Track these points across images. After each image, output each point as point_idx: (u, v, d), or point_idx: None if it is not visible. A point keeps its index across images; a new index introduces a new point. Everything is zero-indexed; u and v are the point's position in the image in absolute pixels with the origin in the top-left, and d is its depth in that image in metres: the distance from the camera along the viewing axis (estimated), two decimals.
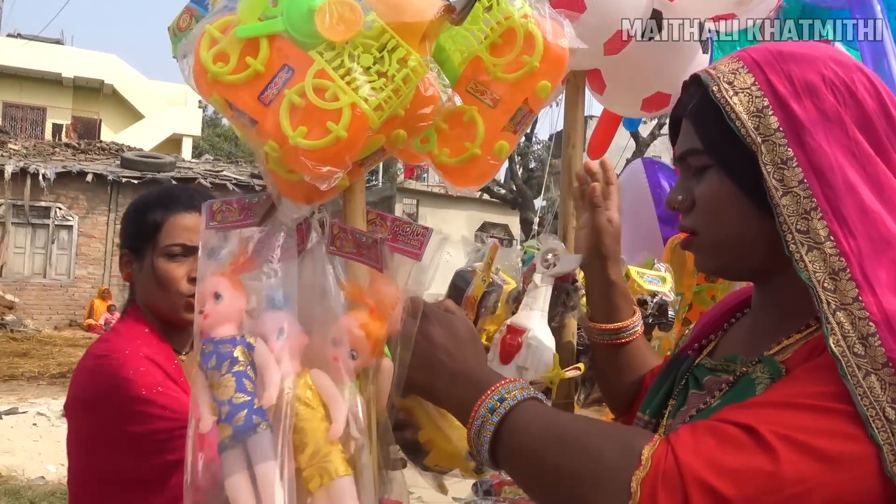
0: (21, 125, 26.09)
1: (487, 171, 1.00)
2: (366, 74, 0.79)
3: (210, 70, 0.82)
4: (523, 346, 1.33)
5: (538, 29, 0.95)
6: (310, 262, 1.02)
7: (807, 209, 0.88)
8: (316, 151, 0.79)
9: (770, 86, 0.92)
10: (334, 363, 0.96)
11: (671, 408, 1.07)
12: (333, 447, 0.92)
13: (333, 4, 0.78)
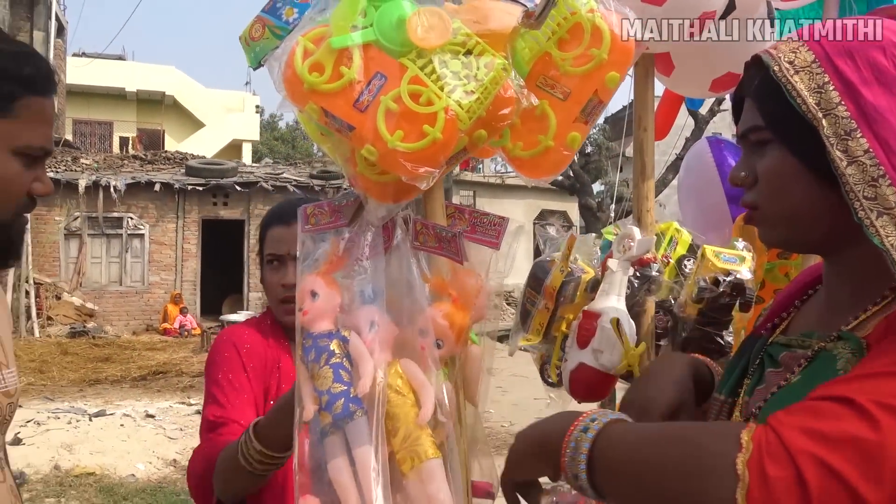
0: (90, 140, 27.13)
1: (561, 162, 1.04)
2: (456, 78, 0.84)
3: (306, 80, 0.88)
4: (597, 330, 1.36)
5: (605, 22, 0.99)
6: (396, 258, 1.08)
7: (874, 176, 0.89)
8: (414, 153, 0.85)
9: (830, 62, 0.93)
10: (422, 352, 1.02)
11: (746, 386, 1.07)
12: (423, 431, 0.98)
13: (423, 14, 0.84)
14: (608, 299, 1.39)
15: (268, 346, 1.69)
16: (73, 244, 17.03)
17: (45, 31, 20.94)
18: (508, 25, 0.86)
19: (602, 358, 1.38)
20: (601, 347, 1.38)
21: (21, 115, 1.09)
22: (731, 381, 1.10)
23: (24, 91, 1.09)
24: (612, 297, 1.39)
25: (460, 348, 1.04)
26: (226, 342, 1.71)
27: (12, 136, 1.08)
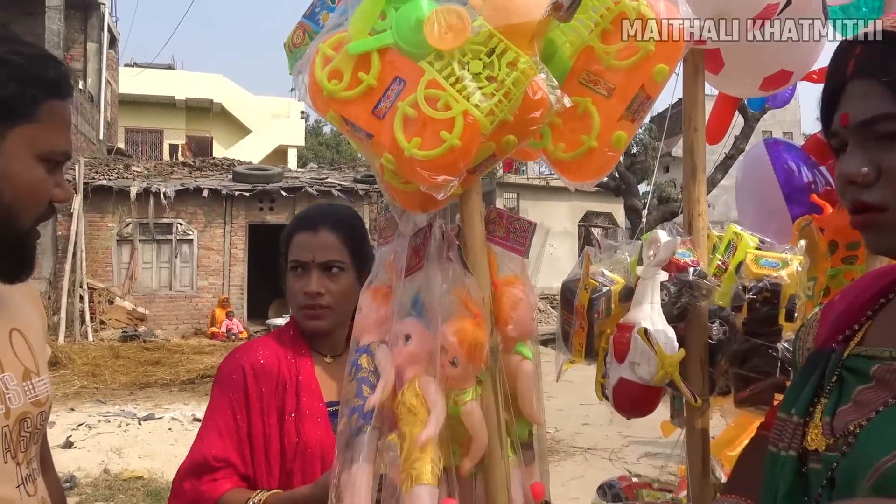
0: (142, 148, 27.81)
1: (606, 164, 0.97)
2: (476, 81, 0.79)
3: (326, 88, 0.83)
4: (631, 342, 1.29)
5: (651, 10, 0.91)
6: (431, 270, 1.03)
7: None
8: (431, 161, 0.79)
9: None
10: (441, 370, 0.97)
11: (824, 405, 0.98)
12: (424, 454, 0.93)
13: (441, 13, 0.78)
14: (641, 309, 1.32)
15: (283, 362, 1.64)
16: (125, 250, 17.44)
17: (99, 42, 21.53)
18: (535, 19, 0.79)
19: (639, 370, 1.31)
20: (637, 360, 1.31)
21: (44, 120, 1.07)
22: (803, 400, 1.00)
23: (46, 95, 1.07)
24: (645, 307, 1.32)
25: (479, 367, 0.97)
26: (235, 363, 1.66)
27: (37, 142, 1.06)
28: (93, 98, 20.75)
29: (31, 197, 1.08)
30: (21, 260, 1.11)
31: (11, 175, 1.03)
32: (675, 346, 1.34)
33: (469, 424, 1.00)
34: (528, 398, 1.09)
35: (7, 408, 1.05)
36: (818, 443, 0.95)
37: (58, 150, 1.10)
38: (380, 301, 1.07)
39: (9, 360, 1.08)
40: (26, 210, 1.08)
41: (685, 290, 1.40)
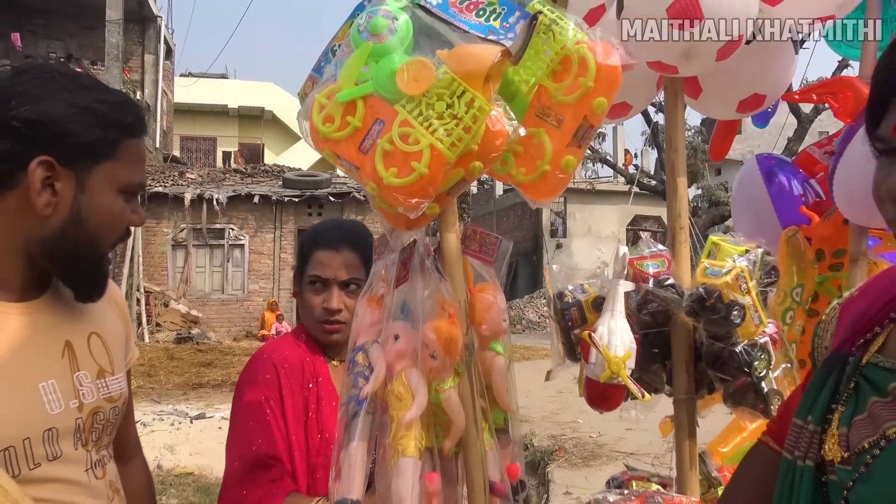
0: (196, 155, 28.59)
1: (559, 184, 1.12)
2: (440, 119, 0.95)
3: (321, 131, 1.01)
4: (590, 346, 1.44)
5: (590, 52, 1.06)
6: (415, 279, 1.20)
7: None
8: (405, 187, 0.97)
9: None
10: (422, 362, 1.13)
11: (840, 414, 0.95)
12: (408, 432, 1.09)
13: (410, 65, 0.95)
14: (603, 317, 1.46)
15: (306, 361, 1.73)
16: (179, 254, 18.00)
17: (155, 54, 22.26)
18: (488, 65, 0.95)
19: (595, 370, 1.46)
20: (593, 360, 1.46)
21: (123, 157, 1.21)
22: (819, 407, 0.98)
23: (124, 136, 1.22)
24: (606, 314, 1.46)
25: (455, 359, 1.14)
26: (266, 362, 1.72)
27: (117, 177, 1.20)
28: (149, 107, 21.45)
29: (112, 225, 1.22)
30: (96, 282, 1.25)
31: (96, 207, 1.18)
32: (628, 349, 1.47)
33: (447, 409, 1.16)
34: (501, 389, 1.25)
35: (81, 402, 1.20)
36: (834, 453, 0.93)
37: (134, 182, 1.23)
38: (374, 307, 1.24)
39: (85, 359, 1.24)
40: (107, 236, 1.22)
41: (649, 297, 1.54)
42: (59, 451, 1.14)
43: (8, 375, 1.09)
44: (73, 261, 1.20)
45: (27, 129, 1.11)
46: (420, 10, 1.03)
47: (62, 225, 1.16)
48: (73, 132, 1.13)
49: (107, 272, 1.29)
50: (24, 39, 19.16)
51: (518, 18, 1.00)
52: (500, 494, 1.25)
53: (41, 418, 1.12)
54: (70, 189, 1.16)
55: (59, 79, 1.17)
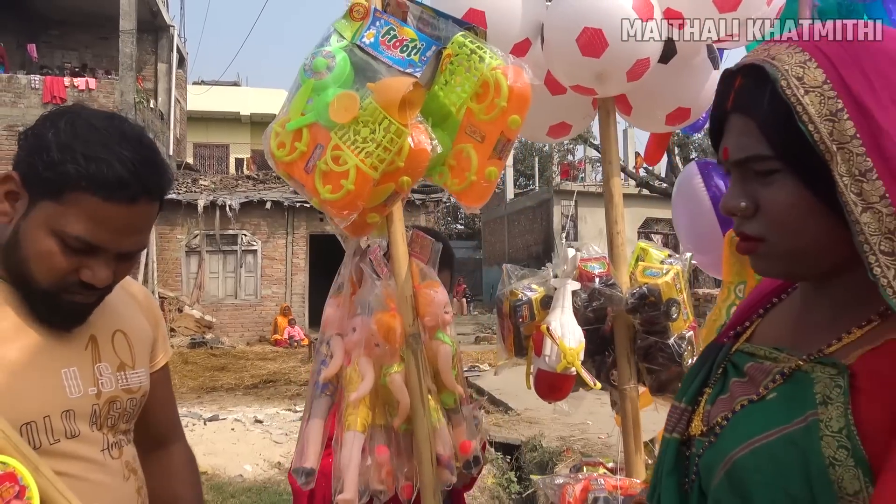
0: (209, 162, 28.93)
1: (485, 192, 1.30)
2: (364, 142, 1.13)
3: (275, 154, 1.20)
4: (544, 339, 1.61)
5: (503, 77, 1.23)
6: (367, 279, 1.38)
7: (891, 228, 0.80)
8: (336, 202, 1.15)
9: (843, 83, 0.82)
10: (369, 350, 1.31)
11: (708, 395, 1.02)
12: (355, 410, 1.27)
13: (339, 98, 1.14)
14: (553, 313, 1.64)
15: None
16: (193, 260, 18.25)
17: (168, 63, 22.57)
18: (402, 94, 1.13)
19: (550, 361, 1.63)
20: (548, 352, 1.63)
21: (69, 206, 1.20)
22: (691, 389, 1.05)
23: (78, 188, 1.19)
24: (557, 310, 1.64)
25: (395, 346, 1.31)
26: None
27: (53, 220, 1.21)
28: (163, 116, 21.77)
29: (41, 262, 1.22)
30: (51, 313, 1.27)
31: (28, 236, 1.22)
32: (580, 341, 1.65)
33: (393, 390, 1.34)
34: (447, 373, 1.42)
35: (99, 390, 1.34)
36: (696, 428, 1.00)
37: (70, 234, 1.20)
38: (339, 306, 1.43)
39: (107, 353, 1.38)
40: (38, 270, 1.23)
41: (594, 296, 1.71)
42: (76, 430, 1.28)
43: (36, 359, 1.24)
44: (17, 278, 1.25)
45: (22, 146, 1.24)
46: (357, 49, 1.21)
47: (8, 238, 1.24)
48: (35, 162, 1.20)
49: (66, 309, 1.28)
50: (39, 50, 19.54)
51: (433, 52, 1.18)
52: (445, 466, 1.42)
53: (61, 400, 1.26)
54: (21, 210, 1.23)
55: (82, 117, 1.23)
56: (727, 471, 0.91)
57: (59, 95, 16.79)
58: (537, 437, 8.11)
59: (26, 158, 1.23)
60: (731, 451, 0.90)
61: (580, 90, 1.67)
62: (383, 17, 1.23)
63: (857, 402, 0.83)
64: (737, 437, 0.91)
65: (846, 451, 0.81)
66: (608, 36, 1.51)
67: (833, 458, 0.81)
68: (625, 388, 1.83)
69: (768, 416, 0.89)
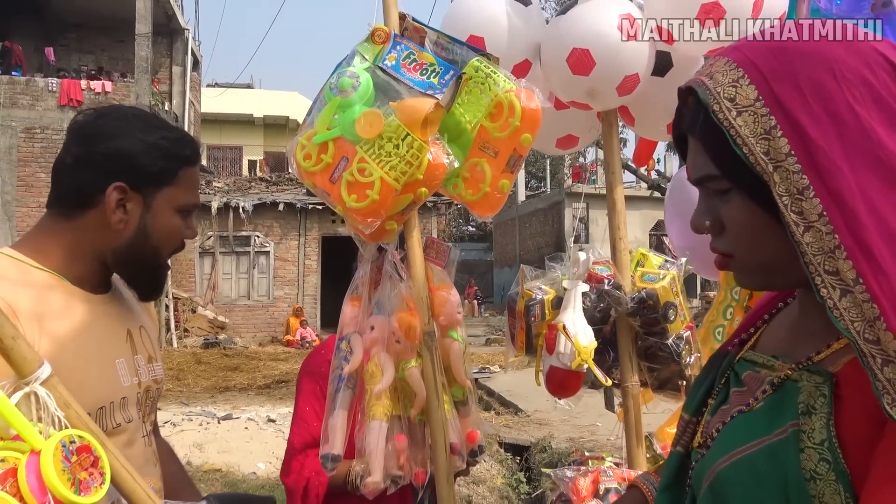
0: (222, 164, 29.14)
1: (497, 202, 1.42)
2: (388, 157, 1.25)
3: (302, 165, 1.32)
4: (557, 337, 1.72)
5: (516, 98, 1.35)
6: (386, 281, 1.50)
7: (831, 247, 0.77)
8: (361, 210, 1.26)
9: (775, 99, 0.81)
10: (390, 346, 1.43)
11: (711, 405, 1.00)
12: (378, 401, 1.38)
13: (365, 115, 1.25)
14: (565, 312, 1.75)
15: None
16: (206, 262, 18.42)
17: (183, 65, 22.76)
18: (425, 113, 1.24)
19: (563, 359, 1.74)
20: (561, 350, 1.73)
21: (181, 183, 1.42)
22: (696, 400, 1.04)
23: (183, 165, 1.42)
24: (569, 310, 1.75)
25: (415, 343, 1.43)
26: (323, 357, 1.90)
27: (176, 199, 1.41)
28: (178, 118, 21.96)
29: (171, 239, 1.44)
30: (158, 285, 1.50)
31: (158, 225, 1.42)
32: (591, 340, 1.75)
33: (411, 383, 1.45)
34: (458, 368, 1.53)
35: (139, 380, 1.48)
36: (698, 439, 0.99)
37: (189, 203, 1.45)
38: (356, 305, 1.54)
39: (139, 346, 1.51)
40: (166, 248, 1.45)
41: (602, 297, 1.82)
42: (130, 416, 1.42)
43: (98, 350, 1.37)
44: (138, 267, 1.44)
45: (106, 161, 1.38)
46: (379, 71, 1.33)
47: (131, 238, 1.40)
48: (141, 163, 1.38)
49: (165, 277, 1.52)
50: (57, 53, 19.78)
51: (451, 76, 1.29)
52: (456, 453, 1.53)
53: (118, 388, 1.40)
54: (138, 209, 1.40)
55: (133, 119, 1.43)
56: (710, 483, 0.90)
57: (76, 98, 17.00)
58: (547, 438, 8.19)
59: (125, 167, 1.39)
60: (714, 463, 0.90)
61: (577, 105, 1.79)
62: (403, 42, 1.35)
63: (840, 412, 0.80)
64: (722, 449, 0.90)
65: (827, 464, 0.78)
66: (595, 55, 1.64)
67: (814, 472, 0.78)
68: (627, 386, 1.93)
69: (752, 427, 0.87)
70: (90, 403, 1.30)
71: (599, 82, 1.70)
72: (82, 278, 1.40)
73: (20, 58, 18.66)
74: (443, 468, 1.44)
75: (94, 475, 0.81)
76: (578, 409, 1.96)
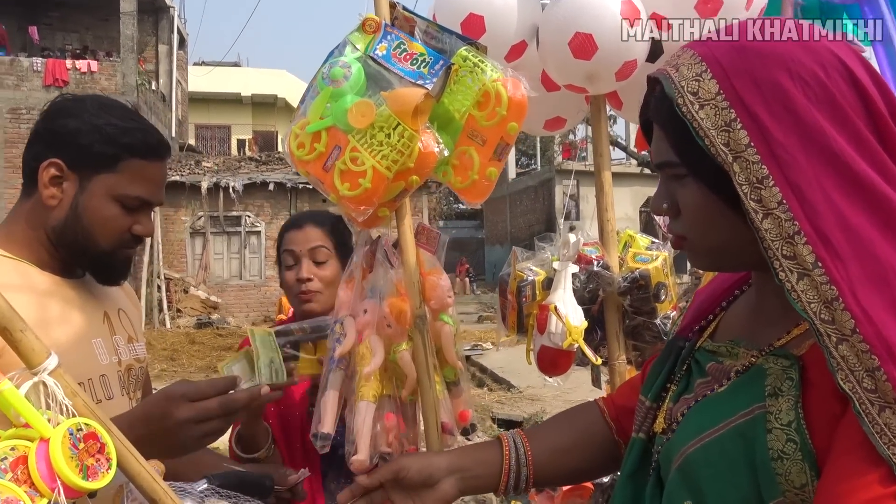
0: (211, 143, 29.00)
1: (485, 190, 1.44)
2: (379, 146, 1.27)
3: (296, 154, 1.34)
4: (548, 317, 1.76)
5: (503, 88, 1.37)
6: (378, 266, 1.52)
7: (790, 233, 0.82)
8: (354, 198, 1.29)
9: (736, 94, 0.85)
10: (382, 330, 1.46)
11: (672, 392, 1.04)
12: (368, 383, 1.42)
13: (357, 105, 1.27)
14: (556, 293, 1.78)
15: None
16: (198, 242, 18.42)
17: (169, 44, 22.59)
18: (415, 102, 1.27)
19: (554, 338, 1.78)
20: (553, 330, 1.77)
21: (123, 172, 1.41)
22: (656, 386, 1.07)
23: (126, 154, 1.43)
24: (559, 291, 1.78)
25: (405, 327, 1.46)
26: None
27: (113, 188, 1.40)
28: (164, 98, 21.83)
29: (105, 226, 1.41)
30: (107, 271, 1.48)
31: (90, 208, 1.41)
32: (582, 320, 1.79)
33: (402, 365, 1.49)
34: (449, 350, 1.57)
35: (119, 359, 1.52)
36: (659, 426, 1.03)
37: (133, 195, 1.41)
38: (351, 288, 1.57)
39: (118, 327, 1.55)
40: (102, 234, 1.41)
41: (592, 277, 1.86)
42: (112, 393, 1.46)
43: (73, 331, 1.41)
44: (77, 249, 1.42)
45: (49, 136, 1.41)
46: (371, 61, 1.35)
47: (64, 218, 1.40)
48: (80, 143, 1.39)
49: (119, 265, 1.49)
50: (41, 32, 19.58)
51: (441, 66, 1.31)
52: (448, 432, 1.57)
53: (96, 365, 1.44)
54: (73, 189, 1.39)
55: (92, 102, 1.44)
56: (679, 465, 0.93)
57: (62, 78, 16.86)
58: (539, 413, 8.32)
59: (66, 146, 1.40)
60: (683, 446, 0.93)
61: (572, 88, 1.81)
62: (394, 32, 1.36)
63: (807, 394, 0.84)
64: (689, 432, 0.94)
65: (794, 444, 0.82)
66: (598, 40, 1.65)
67: (781, 452, 0.83)
68: (614, 364, 1.97)
69: (719, 409, 0.91)
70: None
71: (600, 67, 1.72)
72: (46, 262, 1.43)
73: (3, 37, 18.47)
74: (434, 446, 1.48)
75: (100, 461, 0.85)
76: (570, 385, 2.01)
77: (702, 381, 0.99)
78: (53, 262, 1.44)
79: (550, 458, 1.25)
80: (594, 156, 1.92)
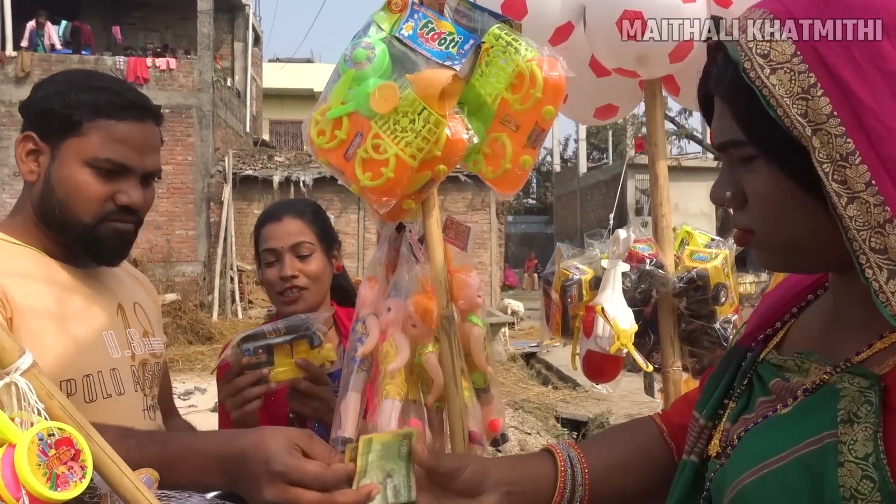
0: (284, 139, 29.57)
1: (519, 180, 1.33)
2: (403, 132, 1.18)
3: (315, 142, 1.26)
4: (595, 319, 1.63)
5: (538, 68, 1.25)
6: (403, 262, 1.44)
7: (880, 221, 0.69)
8: (376, 188, 1.20)
9: (816, 54, 0.71)
10: (407, 330, 1.37)
11: (730, 410, 0.90)
12: (392, 381, 1.33)
13: (380, 88, 1.18)
14: (604, 294, 1.66)
15: None
16: None
17: (244, 41, 23.11)
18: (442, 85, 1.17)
19: (601, 342, 1.65)
20: (600, 333, 1.65)
21: (90, 135, 1.32)
22: (712, 402, 0.93)
23: (91, 115, 1.32)
24: (608, 291, 1.66)
25: (431, 327, 1.36)
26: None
27: (82, 152, 1.32)
28: (240, 94, 22.33)
29: (78, 195, 1.32)
30: (97, 248, 1.37)
31: (62, 176, 1.34)
32: (632, 323, 1.66)
33: (428, 369, 1.40)
34: (479, 354, 1.46)
35: (133, 353, 1.48)
36: (713, 448, 0.90)
37: (103, 157, 1.32)
38: (373, 286, 1.49)
39: (133, 320, 1.52)
40: (77, 205, 1.33)
41: (644, 277, 1.72)
42: (122, 388, 1.42)
43: (82, 321, 1.37)
44: (58, 224, 1.35)
45: (24, 111, 1.38)
46: (396, 41, 1.25)
47: (41, 192, 1.35)
48: (45, 110, 1.34)
49: (110, 240, 1.39)
50: (123, 32, 20.31)
51: (471, 45, 1.21)
52: (476, 442, 1.48)
53: (106, 359, 1.39)
54: (46, 160, 1.35)
55: (62, 74, 1.41)
56: (732, 498, 0.81)
57: (142, 75, 17.40)
58: (605, 414, 8.11)
59: (36, 117, 1.36)
60: (739, 476, 0.81)
61: (623, 73, 1.67)
62: (421, 10, 1.27)
63: (889, 423, 0.70)
64: (747, 459, 0.81)
65: (871, 482, 0.69)
66: (648, 17, 1.51)
67: (855, 491, 0.69)
68: (668, 371, 1.84)
69: (781, 436, 0.78)
70: (73, 371, 1.31)
71: (651, 48, 1.58)
72: (53, 250, 1.39)
73: (89, 37, 19.18)
74: None
75: (73, 469, 0.78)
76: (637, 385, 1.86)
77: (764, 400, 0.85)
78: (59, 248, 1.40)
79: (607, 478, 1.08)
80: (648, 145, 1.78)
